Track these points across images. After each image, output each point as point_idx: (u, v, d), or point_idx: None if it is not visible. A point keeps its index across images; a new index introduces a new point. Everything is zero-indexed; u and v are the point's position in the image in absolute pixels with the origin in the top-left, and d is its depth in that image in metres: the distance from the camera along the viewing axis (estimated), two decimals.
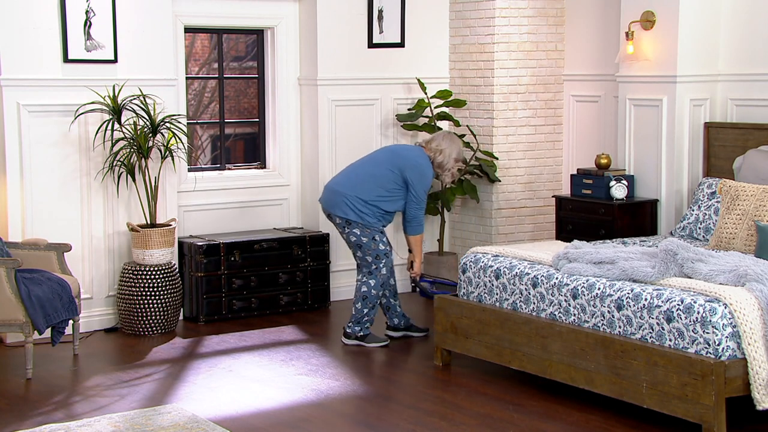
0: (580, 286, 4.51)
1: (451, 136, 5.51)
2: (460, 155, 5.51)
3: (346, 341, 5.52)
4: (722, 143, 5.77)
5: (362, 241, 5.37)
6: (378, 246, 5.38)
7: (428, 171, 5.38)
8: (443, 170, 5.45)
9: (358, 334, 5.48)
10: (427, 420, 4.35)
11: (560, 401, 4.55)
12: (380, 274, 5.43)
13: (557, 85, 6.86)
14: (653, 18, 5.84)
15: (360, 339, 5.49)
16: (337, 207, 5.36)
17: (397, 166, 5.35)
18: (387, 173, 5.35)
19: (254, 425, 4.29)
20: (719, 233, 5.03)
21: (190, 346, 5.57)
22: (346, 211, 5.33)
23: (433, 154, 5.42)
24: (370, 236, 5.36)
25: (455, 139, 5.50)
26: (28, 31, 5.57)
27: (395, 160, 5.37)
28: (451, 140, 5.47)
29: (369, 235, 5.36)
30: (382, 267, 5.42)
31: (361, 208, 5.33)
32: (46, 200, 5.68)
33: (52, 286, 5.03)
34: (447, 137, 5.48)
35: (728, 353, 3.99)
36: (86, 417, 4.36)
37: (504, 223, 6.77)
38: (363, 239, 5.36)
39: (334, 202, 5.38)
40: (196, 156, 6.93)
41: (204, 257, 6.02)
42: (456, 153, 5.46)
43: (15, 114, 5.57)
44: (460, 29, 6.87)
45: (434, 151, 5.42)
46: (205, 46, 7.53)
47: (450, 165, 5.45)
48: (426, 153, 5.43)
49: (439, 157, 5.41)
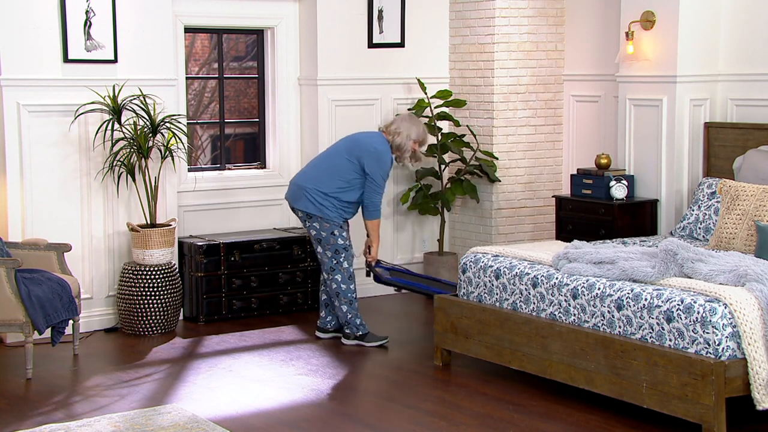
0: (580, 286, 4.51)
1: (411, 117, 5.51)
2: (421, 136, 5.47)
3: (346, 342, 5.53)
4: (722, 143, 5.77)
5: (321, 235, 5.41)
6: (337, 241, 5.41)
7: (385, 156, 5.37)
8: (402, 152, 5.44)
9: (357, 334, 5.49)
10: (427, 420, 4.35)
11: (560, 401, 4.55)
12: (342, 268, 5.44)
13: (557, 85, 6.87)
14: (653, 18, 5.84)
15: (360, 339, 5.49)
16: (299, 201, 5.42)
17: (354, 155, 5.36)
18: (345, 163, 5.37)
19: (254, 425, 4.29)
20: (719, 233, 5.03)
21: (190, 346, 5.57)
22: (306, 204, 5.39)
23: (391, 137, 5.42)
24: (329, 231, 5.39)
25: (415, 120, 5.49)
26: (28, 31, 5.57)
27: (353, 149, 5.39)
28: (410, 121, 5.45)
29: (328, 230, 5.39)
30: (342, 261, 5.44)
31: (321, 200, 5.36)
32: (46, 200, 5.68)
33: (52, 286, 5.03)
34: (406, 119, 5.48)
35: (728, 353, 3.99)
36: (86, 417, 4.36)
37: (504, 223, 6.77)
38: (322, 233, 5.40)
39: (296, 196, 5.45)
40: (196, 156, 6.94)
41: (204, 257, 6.02)
42: (415, 134, 5.43)
43: (15, 114, 5.57)
44: (460, 29, 6.87)
45: (392, 134, 5.42)
46: (205, 46, 7.53)
47: (408, 146, 5.43)
48: (385, 137, 5.43)
49: (397, 139, 5.41)
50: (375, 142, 5.39)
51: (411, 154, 5.46)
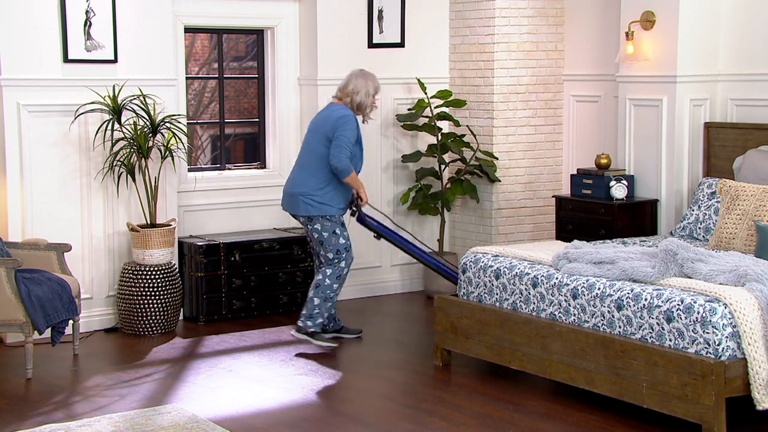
0: (580, 286, 4.51)
1: (363, 73, 5.48)
2: (377, 88, 5.47)
3: (295, 334, 5.49)
4: (722, 143, 5.77)
5: (323, 237, 5.41)
6: (339, 241, 5.42)
7: (352, 119, 5.36)
8: (364, 109, 5.44)
9: (309, 330, 5.43)
10: (427, 420, 4.35)
11: (560, 401, 4.55)
12: (338, 266, 5.44)
13: (557, 85, 6.87)
14: (653, 18, 5.84)
15: (310, 335, 5.44)
16: (297, 207, 5.43)
17: (326, 138, 5.35)
18: (322, 151, 5.36)
19: (254, 425, 4.29)
20: (719, 233, 5.03)
21: (190, 346, 5.57)
22: (306, 208, 5.39)
23: (350, 98, 5.40)
24: (331, 230, 5.40)
25: (367, 74, 5.47)
26: (28, 31, 5.57)
27: (321, 131, 5.37)
28: (365, 77, 5.44)
29: (329, 229, 5.40)
30: (340, 261, 5.44)
31: (319, 199, 5.37)
32: (46, 200, 5.68)
33: (52, 286, 5.03)
34: (359, 76, 5.44)
35: (728, 353, 3.99)
36: (86, 417, 4.36)
37: (504, 223, 6.77)
38: (324, 234, 5.41)
39: (293, 204, 5.45)
40: (196, 156, 6.94)
41: (204, 257, 6.02)
42: (372, 88, 5.43)
43: (15, 114, 5.57)
44: (460, 29, 6.87)
45: (351, 95, 5.40)
46: (205, 46, 7.53)
47: (369, 102, 5.43)
48: (343, 104, 5.42)
49: (357, 98, 5.39)
50: (337, 111, 5.38)
51: (371, 109, 5.47)
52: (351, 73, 5.51)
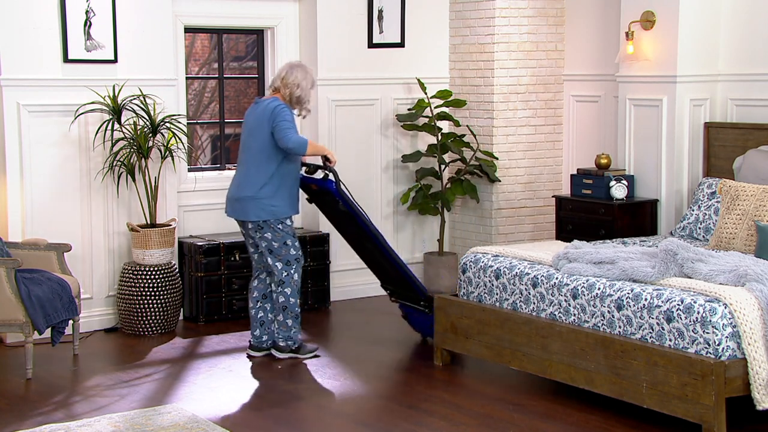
0: (580, 286, 4.51)
1: (302, 65, 5.20)
2: (314, 83, 5.24)
3: (279, 355, 5.25)
4: (722, 143, 5.77)
5: (273, 246, 5.14)
6: (289, 251, 5.15)
7: (286, 111, 5.04)
8: (302, 103, 5.14)
9: (293, 348, 5.27)
10: (428, 420, 4.35)
11: (560, 401, 4.55)
12: (293, 281, 5.19)
13: (557, 85, 6.87)
14: (653, 18, 5.84)
15: (294, 351, 5.27)
16: (248, 213, 5.08)
17: (264, 130, 5.04)
18: (267, 144, 5.04)
19: (254, 425, 4.29)
20: (719, 233, 5.03)
21: (190, 346, 5.57)
22: (257, 213, 5.05)
23: (289, 90, 5.09)
24: (282, 241, 5.13)
25: (306, 67, 5.19)
26: (29, 31, 5.57)
27: (262, 128, 5.04)
28: (304, 70, 5.14)
29: (280, 239, 5.12)
30: (293, 273, 5.18)
31: (269, 202, 5.06)
32: (46, 200, 5.68)
33: (52, 286, 5.03)
34: (298, 68, 5.13)
35: (728, 353, 3.99)
36: (86, 417, 4.36)
37: (504, 223, 6.77)
38: (274, 244, 5.13)
39: (243, 210, 5.11)
40: (196, 156, 6.94)
41: (204, 257, 6.02)
42: (311, 81, 5.18)
43: (15, 114, 5.57)
44: (460, 29, 6.87)
45: (291, 87, 5.08)
46: (205, 46, 7.53)
47: (308, 96, 5.16)
48: (279, 97, 5.10)
49: (297, 91, 5.08)
50: (273, 103, 5.06)
51: (309, 103, 5.19)
52: (289, 64, 5.18)
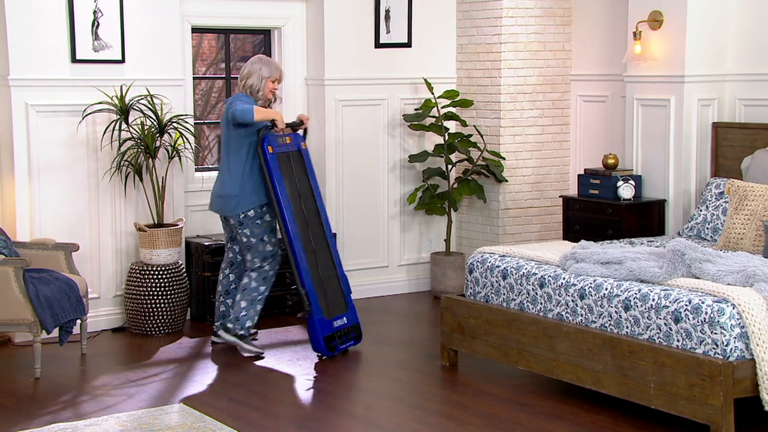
0: (588, 286, 4.50)
1: (259, 58, 5.36)
2: (274, 74, 5.31)
3: (224, 336, 5.32)
4: (730, 143, 5.75)
5: (252, 242, 5.28)
6: (266, 248, 5.30)
7: (240, 96, 5.23)
8: (256, 92, 5.30)
9: (238, 332, 5.31)
10: (434, 420, 4.34)
11: (567, 402, 4.54)
12: (263, 271, 5.33)
13: (564, 85, 6.86)
14: (661, 18, 5.83)
15: (239, 338, 5.32)
16: (226, 208, 5.26)
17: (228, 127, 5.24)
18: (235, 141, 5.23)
19: (261, 425, 4.30)
20: (727, 233, 5.02)
21: (197, 346, 5.58)
22: (236, 206, 5.21)
23: (243, 82, 5.33)
24: (260, 236, 5.28)
25: (263, 59, 5.35)
26: (37, 31, 5.59)
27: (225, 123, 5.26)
28: (260, 62, 5.33)
29: (258, 235, 5.27)
30: (266, 267, 5.33)
31: (244, 195, 5.20)
32: (54, 200, 5.70)
33: (60, 286, 5.05)
34: (255, 61, 5.34)
35: (736, 354, 3.98)
36: (94, 416, 4.37)
37: (511, 223, 6.76)
38: (252, 240, 5.28)
39: (223, 205, 5.28)
40: (203, 156, 6.95)
41: (211, 257, 6.03)
42: (267, 71, 5.29)
43: (23, 114, 5.58)
44: (467, 29, 6.87)
45: (244, 79, 5.33)
46: (212, 46, 7.54)
47: (262, 85, 5.29)
48: (241, 91, 5.32)
49: (249, 81, 5.30)
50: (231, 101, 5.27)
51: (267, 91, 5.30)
52: (251, 58, 5.41)
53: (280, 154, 5.28)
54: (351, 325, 5.37)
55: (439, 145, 6.68)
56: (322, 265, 5.34)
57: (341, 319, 5.31)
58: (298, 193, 5.34)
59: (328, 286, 5.32)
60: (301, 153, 5.44)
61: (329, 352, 5.19)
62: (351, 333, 5.37)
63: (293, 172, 5.36)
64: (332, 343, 5.21)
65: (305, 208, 5.36)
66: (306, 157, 5.45)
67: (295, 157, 5.39)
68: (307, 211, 5.37)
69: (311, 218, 5.38)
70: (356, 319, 5.41)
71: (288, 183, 5.28)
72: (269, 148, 5.20)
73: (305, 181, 5.41)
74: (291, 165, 5.35)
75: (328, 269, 5.37)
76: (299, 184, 5.37)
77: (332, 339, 5.22)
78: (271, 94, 5.35)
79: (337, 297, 5.35)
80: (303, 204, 5.36)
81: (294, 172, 5.36)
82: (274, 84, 5.34)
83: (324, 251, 5.39)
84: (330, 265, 5.39)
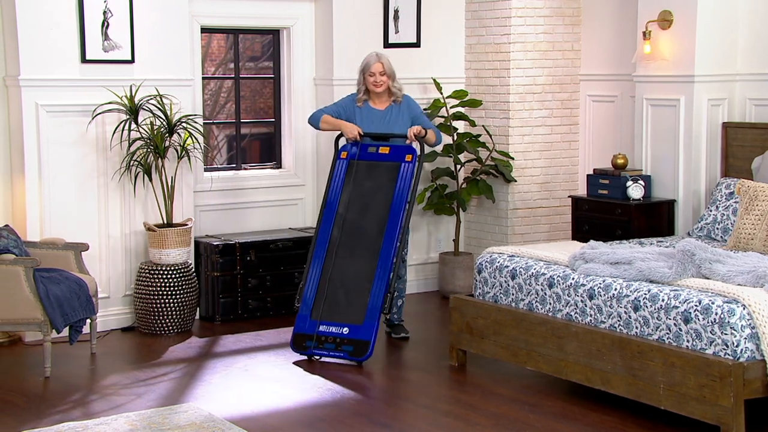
0: (597, 286, 4.49)
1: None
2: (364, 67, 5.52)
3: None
4: (740, 143, 5.73)
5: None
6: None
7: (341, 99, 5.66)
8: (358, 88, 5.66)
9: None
10: (443, 420, 4.34)
11: (576, 402, 4.53)
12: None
13: (573, 84, 6.84)
14: (671, 17, 5.81)
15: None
16: None
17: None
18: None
19: (270, 424, 4.30)
20: (737, 234, 5.00)
21: (207, 346, 5.59)
22: None
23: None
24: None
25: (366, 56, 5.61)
26: (47, 31, 5.60)
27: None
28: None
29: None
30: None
31: None
32: (63, 200, 5.72)
33: (70, 285, 5.06)
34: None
35: (747, 354, 3.97)
36: (103, 416, 4.38)
37: (520, 223, 6.75)
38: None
39: None
40: (212, 156, 6.95)
41: (220, 257, 6.04)
42: (361, 68, 5.53)
43: (33, 114, 5.60)
44: (476, 29, 6.86)
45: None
46: (221, 46, 7.55)
47: (360, 79, 5.60)
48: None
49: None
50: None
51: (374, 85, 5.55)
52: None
53: (357, 162, 5.31)
54: (350, 339, 5.01)
55: (447, 145, 6.67)
56: (346, 272, 5.11)
57: (337, 327, 5.04)
58: (362, 201, 5.24)
59: (341, 292, 5.12)
60: (400, 165, 5.26)
61: (296, 350, 5.12)
62: (345, 346, 5.01)
63: (365, 181, 5.31)
64: (305, 344, 5.03)
65: (361, 218, 5.24)
66: (402, 170, 5.24)
67: (382, 167, 5.30)
68: (362, 220, 5.23)
69: (367, 228, 5.20)
70: (368, 336, 4.99)
71: (350, 189, 5.28)
72: (343, 154, 5.38)
73: (383, 193, 5.25)
74: (366, 174, 5.31)
75: (357, 280, 5.10)
76: (368, 194, 5.25)
77: (307, 339, 5.03)
78: (372, 86, 5.50)
79: (348, 307, 5.08)
80: (359, 213, 5.26)
81: (367, 182, 5.30)
82: (372, 77, 5.48)
83: (362, 262, 5.13)
84: (363, 276, 5.09)
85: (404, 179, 5.28)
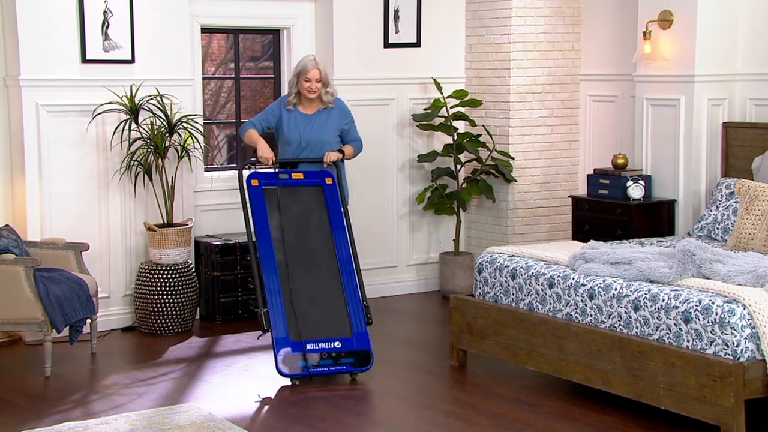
0: (597, 286, 4.49)
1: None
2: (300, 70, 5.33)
3: None
4: (741, 143, 5.73)
5: None
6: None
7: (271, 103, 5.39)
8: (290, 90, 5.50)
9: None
10: (443, 420, 4.34)
11: (576, 402, 4.53)
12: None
13: (574, 84, 6.84)
14: (671, 17, 5.81)
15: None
16: None
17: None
18: None
19: (270, 424, 4.30)
20: (738, 234, 5.00)
21: (207, 346, 5.59)
22: None
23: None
24: None
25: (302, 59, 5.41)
26: (47, 31, 5.60)
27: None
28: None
29: None
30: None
31: None
32: (64, 200, 5.72)
33: (70, 285, 5.06)
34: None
35: (747, 354, 3.97)
36: (104, 415, 4.38)
37: (520, 223, 6.75)
38: None
39: None
40: (213, 156, 6.96)
41: (220, 257, 6.04)
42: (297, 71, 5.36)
43: (33, 114, 5.60)
44: (477, 29, 6.86)
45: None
46: (221, 46, 7.55)
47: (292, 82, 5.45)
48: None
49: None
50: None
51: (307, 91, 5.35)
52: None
53: (279, 188, 5.13)
54: (348, 351, 4.86)
55: (448, 145, 6.68)
56: (309, 291, 5.00)
57: (326, 343, 4.86)
58: (296, 224, 5.12)
59: (312, 310, 4.94)
60: (323, 188, 5.19)
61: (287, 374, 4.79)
62: (344, 359, 4.86)
63: (292, 206, 5.16)
64: (297, 364, 4.81)
65: (302, 240, 5.10)
66: (327, 192, 5.18)
67: (304, 192, 5.18)
68: (305, 242, 5.10)
69: (314, 248, 5.10)
70: (363, 346, 4.89)
71: (277, 215, 5.09)
72: (254, 182, 5.13)
73: (317, 214, 5.18)
74: (290, 199, 5.16)
75: (326, 296, 4.99)
76: (301, 218, 5.15)
77: (298, 360, 4.80)
78: (306, 92, 5.31)
79: (327, 321, 4.94)
80: (298, 236, 5.11)
81: (294, 206, 5.16)
82: (307, 83, 5.29)
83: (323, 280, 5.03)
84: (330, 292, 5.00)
85: (334, 200, 5.21)
